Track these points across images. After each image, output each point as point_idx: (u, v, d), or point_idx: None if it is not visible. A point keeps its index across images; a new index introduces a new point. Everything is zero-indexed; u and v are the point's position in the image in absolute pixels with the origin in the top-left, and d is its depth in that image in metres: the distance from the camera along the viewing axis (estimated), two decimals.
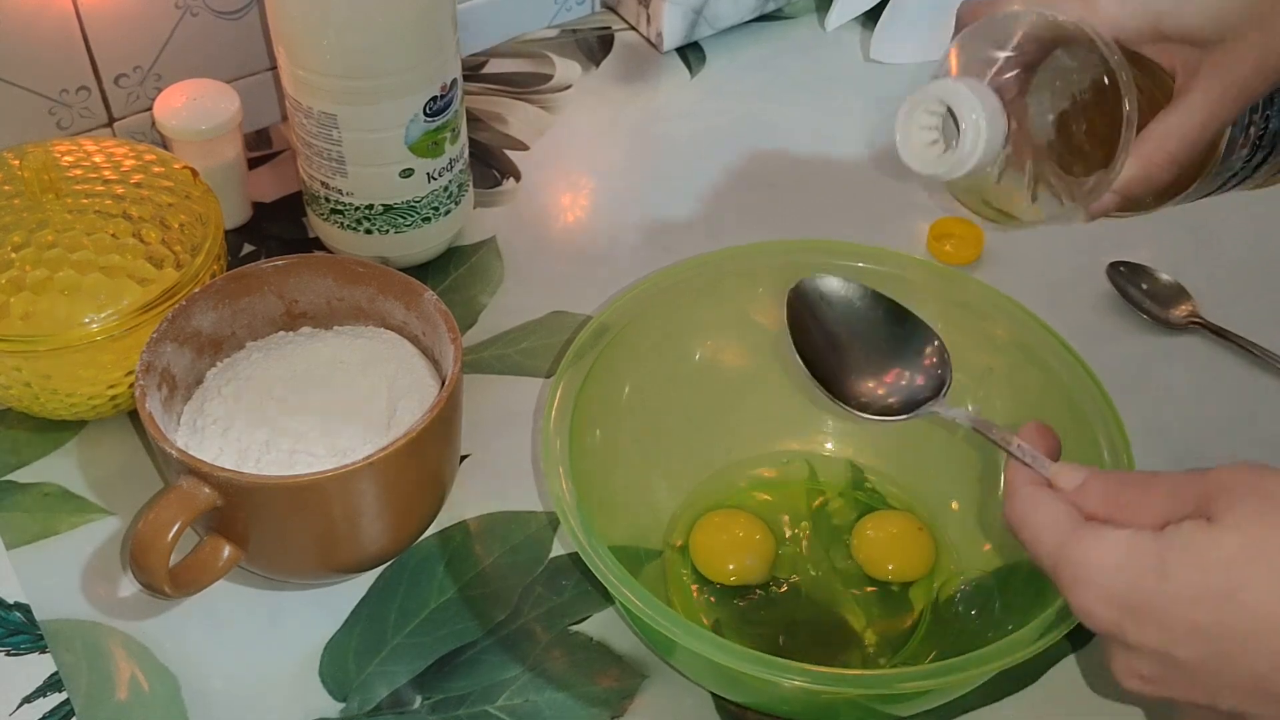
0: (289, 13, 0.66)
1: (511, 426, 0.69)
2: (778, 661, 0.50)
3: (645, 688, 0.59)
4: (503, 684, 0.59)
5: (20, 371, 0.62)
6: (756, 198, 0.82)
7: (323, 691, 0.59)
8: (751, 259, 0.65)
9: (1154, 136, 0.51)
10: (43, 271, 0.61)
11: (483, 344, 0.73)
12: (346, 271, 0.63)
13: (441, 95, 0.69)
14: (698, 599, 0.62)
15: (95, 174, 0.65)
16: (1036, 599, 0.55)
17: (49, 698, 0.58)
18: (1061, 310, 0.65)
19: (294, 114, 0.70)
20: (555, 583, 0.62)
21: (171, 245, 0.63)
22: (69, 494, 0.65)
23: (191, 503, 0.54)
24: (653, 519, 0.64)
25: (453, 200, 0.74)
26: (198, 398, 0.61)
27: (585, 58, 0.91)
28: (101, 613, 0.61)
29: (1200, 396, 0.71)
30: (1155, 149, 0.51)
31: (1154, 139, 0.51)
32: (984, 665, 0.50)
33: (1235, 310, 0.74)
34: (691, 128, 0.86)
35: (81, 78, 0.77)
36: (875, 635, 0.60)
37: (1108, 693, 0.59)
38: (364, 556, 0.59)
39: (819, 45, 0.93)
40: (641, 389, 0.64)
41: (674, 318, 0.64)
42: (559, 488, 0.55)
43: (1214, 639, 0.42)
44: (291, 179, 0.81)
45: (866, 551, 0.63)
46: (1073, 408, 0.58)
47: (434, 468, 0.59)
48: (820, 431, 0.67)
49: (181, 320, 0.60)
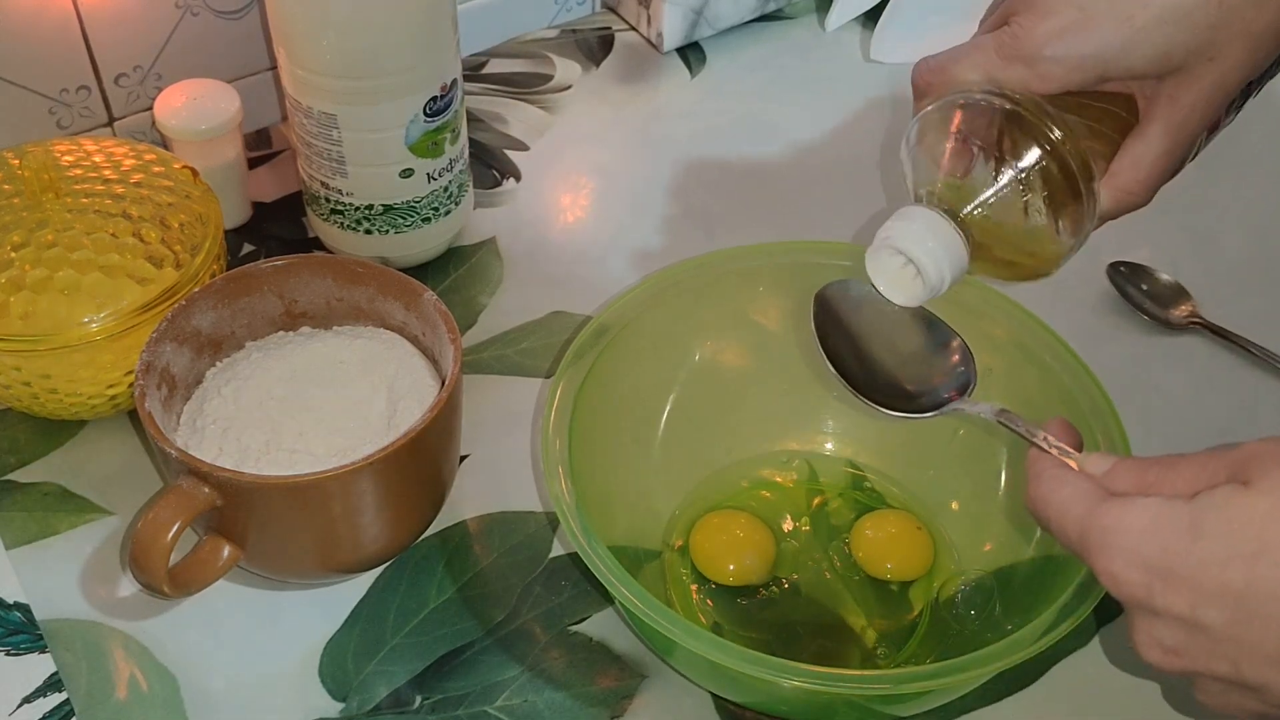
0: (289, 13, 0.66)
1: (511, 426, 0.69)
2: (777, 661, 0.50)
3: (645, 688, 0.59)
4: (502, 684, 0.59)
5: (20, 371, 0.62)
6: (757, 198, 0.82)
7: (322, 691, 0.59)
8: (751, 259, 0.65)
9: (1124, 169, 0.53)
10: (42, 271, 0.61)
11: (482, 344, 0.73)
12: (346, 271, 0.63)
13: (441, 95, 0.69)
14: (697, 599, 0.62)
15: (95, 174, 0.65)
16: (1036, 599, 0.56)
17: (49, 698, 0.58)
18: (1061, 310, 0.65)
19: (294, 114, 0.70)
20: (554, 583, 0.62)
21: (171, 245, 0.63)
22: (69, 494, 0.65)
23: (191, 503, 0.54)
24: (652, 519, 0.64)
25: (453, 200, 0.74)
26: (197, 398, 0.61)
27: (585, 58, 0.91)
28: (101, 612, 0.61)
29: (1200, 396, 0.71)
30: (1129, 179, 0.53)
31: (1125, 170, 0.53)
32: (984, 665, 0.50)
33: (1235, 310, 0.74)
34: (691, 128, 0.86)
35: (81, 77, 0.77)
36: (875, 635, 0.60)
37: (1108, 693, 0.59)
38: (364, 556, 0.59)
39: (819, 45, 0.93)
40: (641, 389, 0.64)
41: (674, 318, 0.64)
42: (559, 488, 0.55)
43: (1243, 600, 0.42)
44: (291, 179, 0.81)
45: (865, 551, 0.63)
46: (1072, 408, 0.58)
47: (434, 468, 0.59)
48: (820, 432, 0.67)
49: (181, 320, 0.60)
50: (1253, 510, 0.42)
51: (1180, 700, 0.58)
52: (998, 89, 0.52)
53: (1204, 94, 0.52)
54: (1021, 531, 0.60)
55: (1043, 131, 0.51)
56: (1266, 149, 0.85)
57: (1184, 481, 0.45)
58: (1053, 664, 0.60)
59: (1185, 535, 0.43)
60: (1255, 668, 0.43)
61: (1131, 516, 0.44)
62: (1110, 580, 0.45)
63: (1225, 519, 0.42)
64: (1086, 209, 0.52)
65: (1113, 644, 0.61)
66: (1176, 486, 0.45)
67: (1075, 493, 0.46)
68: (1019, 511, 0.61)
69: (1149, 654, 0.45)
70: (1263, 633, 0.42)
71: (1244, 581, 0.42)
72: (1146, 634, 0.45)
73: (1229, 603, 0.42)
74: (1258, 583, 0.42)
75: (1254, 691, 0.44)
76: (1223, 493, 0.43)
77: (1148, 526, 0.44)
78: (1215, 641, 0.43)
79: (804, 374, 0.65)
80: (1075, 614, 0.51)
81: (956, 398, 0.55)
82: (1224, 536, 0.42)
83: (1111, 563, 0.44)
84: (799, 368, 0.66)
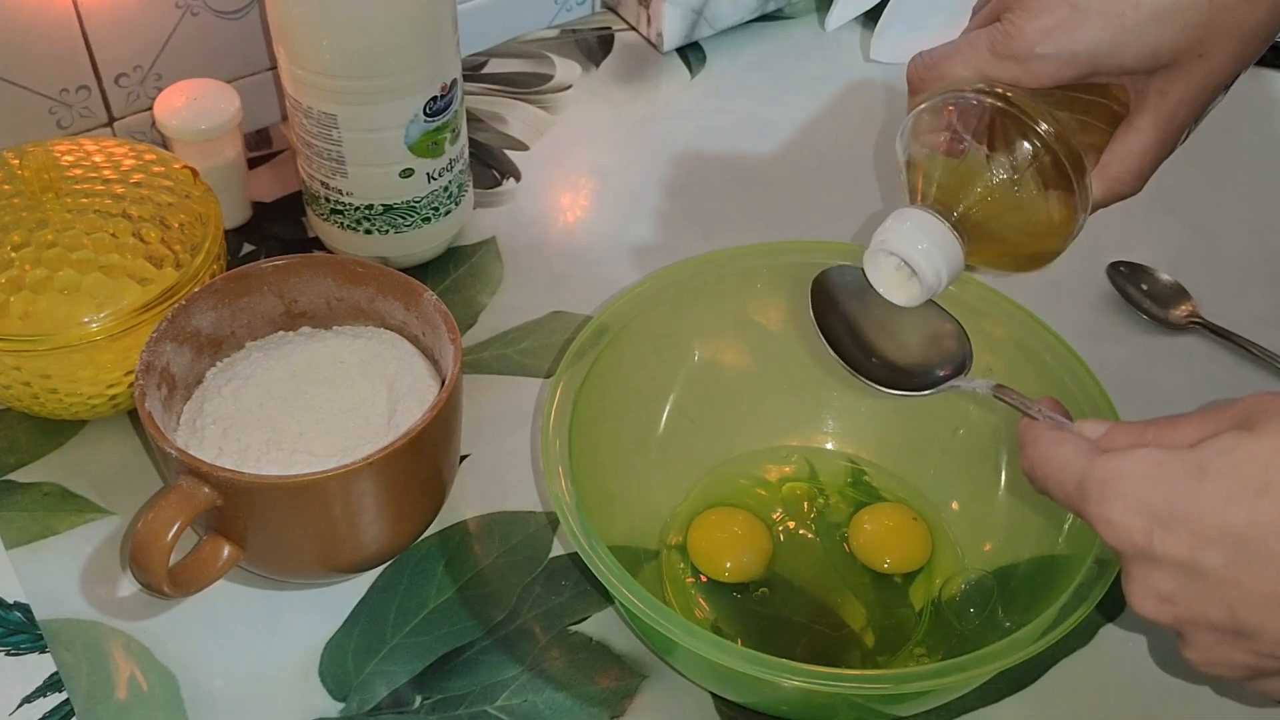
0: (289, 13, 0.66)
1: (511, 426, 0.69)
2: (777, 661, 0.50)
3: (645, 688, 0.59)
4: (502, 684, 0.59)
5: (19, 371, 0.62)
6: (756, 197, 0.82)
7: (322, 691, 0.59)
8: (751, 259, 0.65)
9: (1115, 160, 0.54)
10: (42, 271, 0.61)
11: (483, 344, 0.73)
12: (346, 271, 0.63)
13: (441, 95, 0.69)
14: (695, 596, 0.62)
15: (95, 173, 0.65)
16: (1036, 599, 0.56)
17: (49, 697, 0.58)
18: (1061, 310, 0.65)
19: (294, 114, 0.70)
20: (554, 583, 0.62)
21: (171, 245, 0.63)
22: (69, 494, 0.65)
23: (191, 502, 0.54)
24: (652, 519, 0.64)
25: (453, 200, 0.74)
26: (197, 397, 0.61)
27: (585, 58, 0.91)
28: (101, 612, 0.61)
29: (1200, 396, 0.71)
30: (1120, 170, 0.54)
31: (1115, 162, 0.54)
32: (984, 665, 0.50)
33: (1235, 310, 0.74)
34: (691, 128, 0.86)
35: (81, 77, 0.77)
36: (875, 634, 0.60)
37: (1108, 693, 0.59)
38: (363, 556, 0.59)
39: (819, 45, 0.93)
40: (641, 389, 0.64)
41: (674, 318, 0.64)
42: (559, 488, 0.55)
43: (1244, 541, 0.42)
44: (291, 179, 0.81)
45: (863, 543, 0.63)
46: (1072, 407, 0.58)
47: (434, 468, 0.59)
48: (820, 431, 0.67)
49: (181, 320, 0.60)
50: (1258, 450, 0.42)
51: (1180, 700, 0.58)
52: (990, 85, 0.52)
53: (1193, 89, 0.52)
54: (1021, 531, 0.60)
55: (1034, 127, 0.52)
56: (1266, 149, 0.85)
57: (1184, 436, 0.45)
58: (1053, 664, 0.60)
59: (1188, 478, 0.43)
60: (1252, 612, 0.43)
61: (1131, 463, 0.44)
62: (1108, 528, 0.44)
63: (1229, 461, 0.42)
64: (1079, 201, 0.53)
65: (1113, 644, 0.61)
66: (1177, 441, 0.45)
67: (1073, 450, 0.46)
68: (1019, 511, 0.61)
69: (1143, 604, 0.45)
70: (1261, 573, 0.42)
71: (1246, 520, 0.42)
72: (1142, 583, 0.44)
73: (1229, 544, 0.42)
74: (1260, 520, 0.42)
75: (1247, 639, 0.43)
76: (1227, 437, 0.43)
77: (1149, 471, 0.43)
78: (1212, 586, 0.43)
79: (803, 373, 0.66)
80: (1075, 614, 0.51)
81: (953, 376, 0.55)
82: (1228, 476, 0.42)
83: (1111, 509, 0.44)
84: (798, 367, 0.66)
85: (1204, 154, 0.84)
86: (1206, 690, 0.58)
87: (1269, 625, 0.43)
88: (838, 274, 0.58)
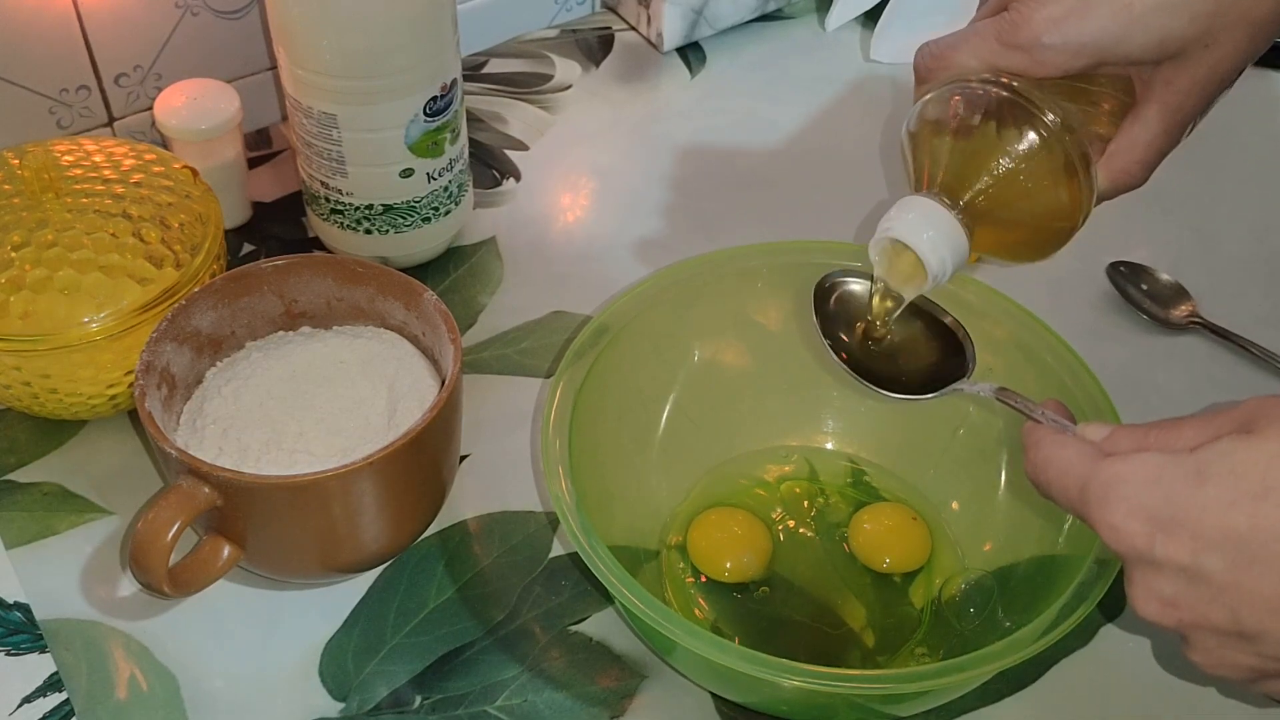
0: (289, 13, 0.66)
1: (511, 426, 0.69)
2: (778, 661, 0.50)
3: (644, 688, 0.59)
4: (502, 684, 0.59)
5: (19, 371, 0.62)
6: (757, 197, 0.82)
7: (322, 691, 0.59)
8: (751, 259, 0.65)
9: (1121, 151, 0.54)
10: (42, 271, 0.61)
11: (483, 344, 0.73)
12: (346, 271, 0.63)
13: (441, 95, 0.69)
14: (694, 596, 0.62)
15: (95, 173, 0.65)
16: (1036, 599, 0.56)
17: (49, 697, 0.58)
18: (1061, 310, 0.65)
19: (294, 114, 0.70)
20: (554, 583, 0.62)
21: (171, 245, 0.63)
22: (69, 494, 0.65)
23: (191, 502, 0.54)
24: (652, 519, 0.64)
25: (453, 200, 0.74)
26: (197, 397, 0.61)
27: (585, 58, 0.91)
28: (101, 612, 0.61)
29: (1200, 396, 0.71)
30: (1126, 161, 0.54)
31: (1122, 153, 0.54)
32: (984, 665, 0.50)
33: (1235, 310, 0.74)
34: (691, 128, 0.86)
35: (81, 77, 0.77)
36: (875, 634, 0.60)
37: (1108, 693, 0.59)
38: (364, 556, 0.59)
39: (819, 45, 0.93)
40: (641, 389, 0.64)
41: (674, 318, 0.64)
42: (559, 488, 0.55)
43: (1245, 544, 0.42)
44: (291, 179, 0.81)
45: (863, 543, 0.63)
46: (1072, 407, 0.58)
47: (434, 468, 0.59)
48: (820, 431, 0.67)
49: (181, 320, 0.60)
50: (1258, 453, 0.42)
51: (1181, 700, 0.58)
52: (997, 75, 0.52)
53: (1200, 80, 0.52)
54: (1022, 531, 0.60)
55: (1040, 117, 0.52)
56: (1266, 149, 0.85)
57: (1185, 440, 0.45)
58: (1053, 664, 0.60)
59: (1189, 482, 0.43)
60: (1254, 615, 0.43)
61: (1133, 468, 0.44)
62: (1110, 533, 0.44)
63: (1230, 464, 0.42)
64: (1084, 192, 0.53)
65: (1113, 644, 0.61)
66: (1178, 444, 0.45)
67: (1076, 454, 0.46)
68: (1019, 511, 0.61)
69: (1146, 608, 0.45)
70: (1263, 577, 0.42)
71: (1248, 524, 0.42)
72: (1145, 587, 0.44)
73: (1230, 548, 0.42)
74: (1261, 524, 0.42)
75: (1250, 642, 0.43)
76: (1227, 441, 0.43)
77: (1151, 476, 0.43)
78: (1215, 590, 0.43)
79: (804, 373, 0.66)
80: (1075, 614, 0.51)
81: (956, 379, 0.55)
82: (1229, 479, 0.42)
83: (1113, 514, 0.44)
84: (799, 367, 0.66)
85: (1204, 154, 0.84)
86: (1206, 690, 0.58)
87: (1271, 628, 0.43)
88: (839, 278, 0.58)
